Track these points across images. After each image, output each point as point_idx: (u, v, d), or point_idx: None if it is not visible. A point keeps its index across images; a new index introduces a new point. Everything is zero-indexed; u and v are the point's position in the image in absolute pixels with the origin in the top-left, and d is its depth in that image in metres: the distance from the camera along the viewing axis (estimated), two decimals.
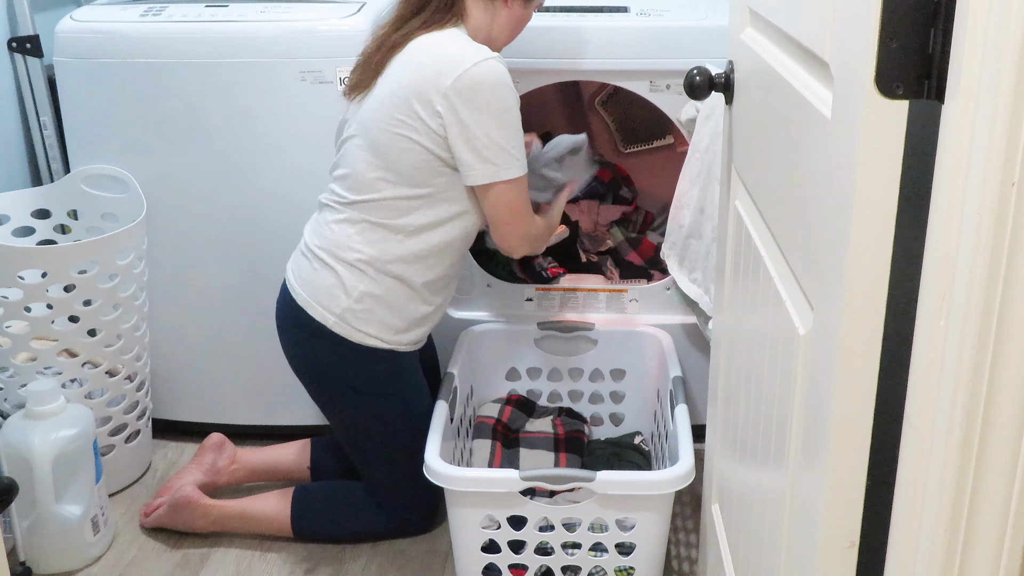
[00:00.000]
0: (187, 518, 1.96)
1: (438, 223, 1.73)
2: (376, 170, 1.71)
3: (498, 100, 1.64)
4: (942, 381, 0.76)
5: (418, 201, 1.71)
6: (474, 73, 1.62)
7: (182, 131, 2.05)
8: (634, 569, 1.72)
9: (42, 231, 2.17)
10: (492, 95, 1.63)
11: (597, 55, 2.01)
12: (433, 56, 1.66)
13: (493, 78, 1.64)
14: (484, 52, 1.66)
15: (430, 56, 1.67)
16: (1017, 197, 0.69)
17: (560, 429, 2.08)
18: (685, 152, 1.96)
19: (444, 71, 1.63)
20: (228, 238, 2.12)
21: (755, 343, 1.23)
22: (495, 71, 1.64)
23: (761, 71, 1.18)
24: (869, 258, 0.81)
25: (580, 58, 2.01)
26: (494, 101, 1.64)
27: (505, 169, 1.67)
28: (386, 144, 1.69)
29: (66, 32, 2.04)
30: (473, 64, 1.63)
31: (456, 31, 1.71)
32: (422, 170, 1.69)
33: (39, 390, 1.83)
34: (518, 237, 1.77)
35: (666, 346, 2.08)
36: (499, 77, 1.65)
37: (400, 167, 1.69)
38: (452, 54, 1.65)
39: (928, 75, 0.74)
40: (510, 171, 1.68)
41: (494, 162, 1.66)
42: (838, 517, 0.90)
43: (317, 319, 1.76)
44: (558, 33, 2.01)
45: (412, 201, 1.71)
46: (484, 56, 1.64)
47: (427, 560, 1.92)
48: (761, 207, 1.21)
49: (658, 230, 2.37)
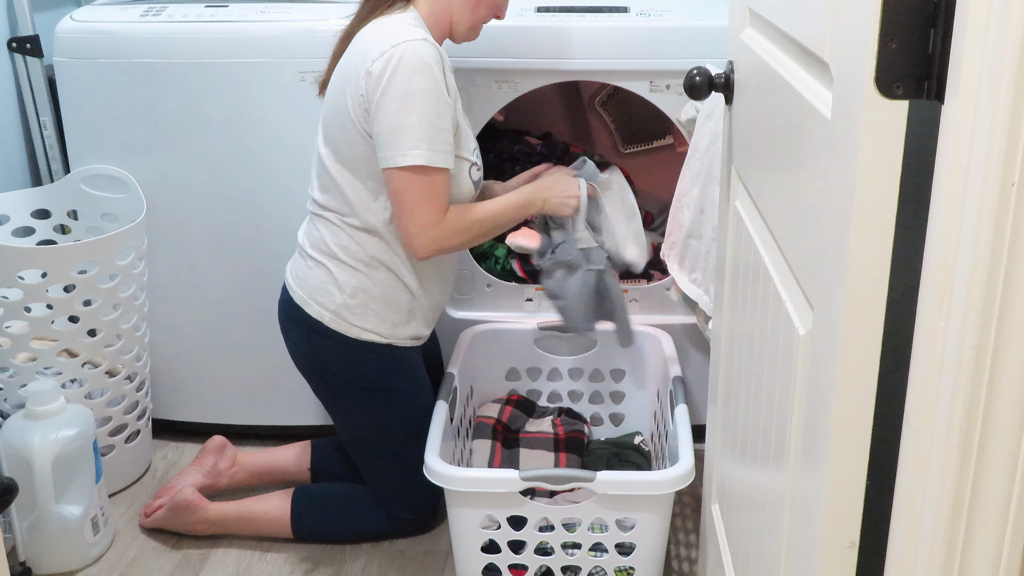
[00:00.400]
0: (187, 520, 1.96)
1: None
2: (334, 163, 1.71)
3: (405, 83, 1.57)
4: (942, 381, 0.76)
5: (373, 192, 1.70)
6: (391, 54, 1.58)
7: (182, 131, 2.05)
8: (634, 569, 1.72)
9: (42, 231, 2.17)
10: (400, 77, 1.57)
11: (597, 55, 2.01)
12: (364, 42, 1.64)
13: (405, 60, 1.57)
14: (411, 35, 1.60)
15: (362, 42, 1.65)
16: (1017, 197, 0.69)
17: (560, 429, 2.08)
18: (685, 152, 1.96)
19: (368, 55, 1.60)
20: (228, 238, 2.13)
21: (755, 343, 1.23)
22: (410, 53, 1.57)
23: (761, 71, 1.18)
24: (869, 258, 0.81)
25: (580, 58, 2.01)
26: (401, 83, 1.57)
27: (400, 155, 1.59)
28: (335, 136, 1.69)
29: (66, 32, 2.04)
30: (392, 45, 1.58)
31: (403, 15, 1.67)
32: (366, 160, 1.67)
33: (39, 390, 1.84)
34: (411, 233, 1.65)
35: (666, 346, 2.08)
36: (413, 60, 1.57)
37: (350, 158, 1.68)
38: (378, 38, 1.62)
39: (928, 75, 0.74)
40: (405, 158, 1.59)
41: (391, 146, 1.60)
42: (838, 517, 0.90)
43: (314, 316, 1.77)
44: (558, 33, 2.01)
45: (372, 192, 1.70)
46: (408, 38, 1.59)
47: (427, 560, 1.92)
48: (761, 207, 1.21)
49: (658, 230, 2.37)
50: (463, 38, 1.76)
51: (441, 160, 1.62)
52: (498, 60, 1.99)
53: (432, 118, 1.59)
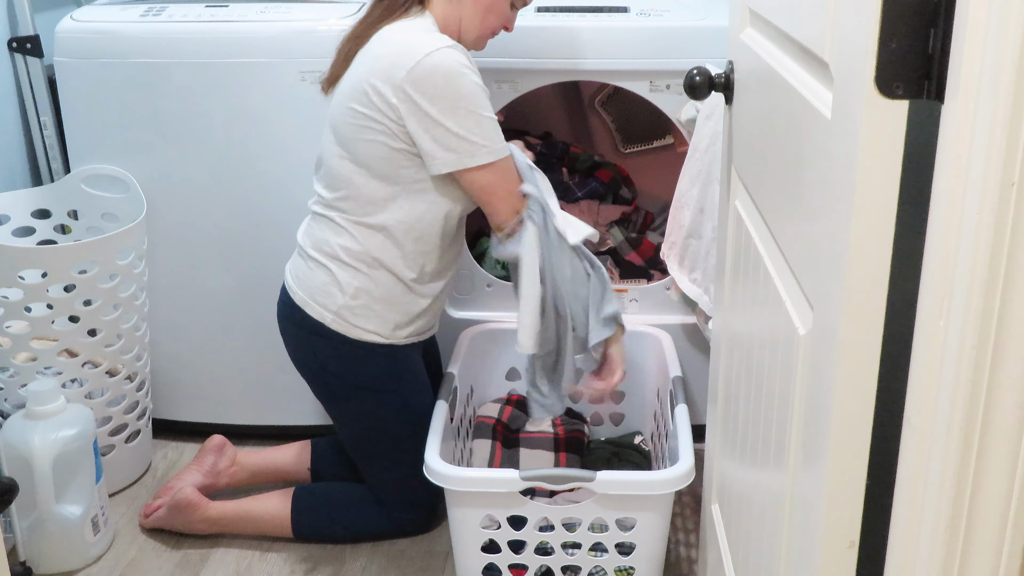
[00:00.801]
0: (186, 520, 1.96)
1: (415, 214, 1.72)
2: (346, 164, 1.71)
3: (453, 89, 1.61)
4: (942, 381, 0.76)
5: (391, 191, 1.70)
6: (427, 64, 1.60)
7: (182, 131, 2.05)
8: (634, 569, 1.72)
9: (42, 231, 2.17)
10: (447, 84, 1.61)
11: (597, 55, 2.01)
12: (388, 48, 1.65)
13: (446, 67, 1.61)
14: (439, 42, 1.63)
15: (386, 48, 1.65)
16: (1017, 197, 0.69)
17: (560, 429, 2.08)
18: (685, 152, 1.96)
19: (398, 63, 1.61)
20: (228, 238, 2.13)
21: (755, 343, 1.23)
22: (448, 59, 1.61)
23: (761, 71, 1.18)
24: (869, 258, 0.81)
25: (580, 58, 2.01)
26: (449, 90, 1.61)
27: (468, 157, 1.65)
28: (350, 137, 1.69)
29: (66, 32, 2.04)
30: (425, 55, 1.60)
31: (420, 20, 1.69)
32: (386, 162, 1.68)
33: (39, 390, 1.83)
34: (504, 216, 1.71)
35: (666, 346, 2.08)
36: (452, 66, 1.61)
37: (366, 160, 1.69)
38: (406, 45, 1.63)
39: (928, 75, 0.74)
40: (474, 159, 1.65)
41: (456, 151, 1.64)
42: (838, 517, 0.90)
43: (315, 317, 1.77)
44: (558, 33, 2.01)
45: (385, 194, 1.70)
46: (437, 46, 1.61)
47: (427, 560, 1.92)
48: (761, 207, 1.21)
49: (658, 230, 2.37)
50: (470, 47, 1.76)
51: (503, 150, 1.68)
52: (498, 60, 1.99)
53: (482, 118, 1.64)
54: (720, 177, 1.56)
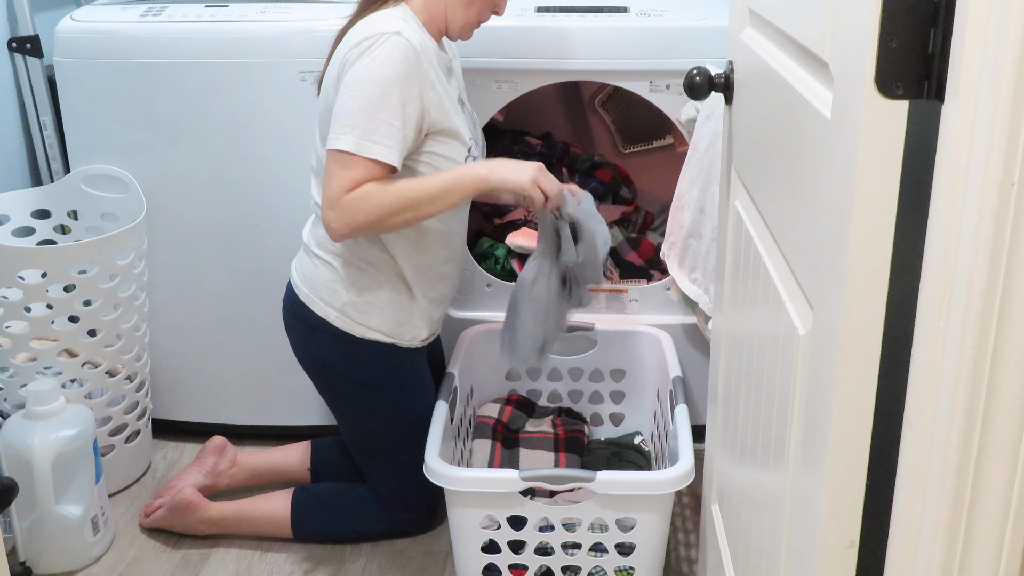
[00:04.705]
0: (186, 520, 1.96)
1: None
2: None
3: (367, 71, 1.55)
4: (942, 381, 0.76)
5: None
6: (365, 45, 1.57)
7: (182, 131, 2.05)
8: (634, 569, 1.72)
9: (42, 231, 2.17)
10: (367, 64, 1.56)
11: (597, 55, 2.01)
12: (351, 39, 1.62)
13: (378, 51, 1.56)
14: (388, 27, 1.58)
15: (349, 41, 1.63)
16: (1017, 197, 0.69)
17: (560, 429, 2.08)
18: (685, 152, 1.97)
19: (350, 46, 1.59)
20: (228, 238, 2.13)
21: (755, 343, 1.23)
22: (388, 46, 1.55)
23: (761, 71, 1.18)
24: (869, 258, 0.81)
25: (580, 58, 2.01)
26: (364, 71, 1.56)
27: (334, 138, 1.57)
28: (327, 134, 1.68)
29: (66, 32, 2.04)
30: (364, 37, 1.57)
31: (395, 10, 1.65)
32: None
33: (39, 390, 1.84)
34: (326, 218, 1.60)
35: (666, 346, 2.08)
36: (382, 51, 1.55)
37: None
38: (360, 31, 1.61)
39: (928, 75, 0.74)
40: (338, 141, 1.56)
41: (334, 129, 1.57)
42: (838, 517, 0.90)
43: (319, 314, 1.77)
44: (558, 33, 2.01)
45: None
46: (384, 31, 1.57)
47: (427, 560, 1.92)
48: (761, 207, 1.21)
49: (658, 230, 2.37)
50: (457, 35, 1.75)
51: (369, 150, 1.56)
52: (498, 60, 1.99)
53: (376, 108, 1.55)
54: (720, 177, 1.56)
